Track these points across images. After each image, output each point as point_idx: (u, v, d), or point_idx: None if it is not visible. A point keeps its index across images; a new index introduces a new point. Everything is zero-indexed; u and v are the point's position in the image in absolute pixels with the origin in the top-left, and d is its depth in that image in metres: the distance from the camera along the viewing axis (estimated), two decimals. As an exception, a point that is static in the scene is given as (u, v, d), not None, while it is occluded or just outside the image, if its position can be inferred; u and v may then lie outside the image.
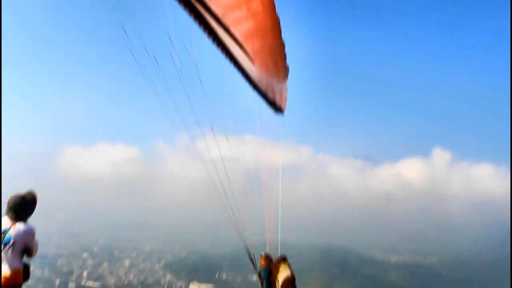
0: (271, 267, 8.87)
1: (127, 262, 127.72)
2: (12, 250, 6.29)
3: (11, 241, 6.30)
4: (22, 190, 6.70)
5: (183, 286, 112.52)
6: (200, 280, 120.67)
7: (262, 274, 9.21)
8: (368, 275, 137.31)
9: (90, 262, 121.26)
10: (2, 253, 6.21)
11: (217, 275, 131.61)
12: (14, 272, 6.29)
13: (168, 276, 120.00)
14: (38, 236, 6.74)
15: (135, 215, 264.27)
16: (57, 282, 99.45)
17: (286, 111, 8.91)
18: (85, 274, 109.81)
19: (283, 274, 8.26)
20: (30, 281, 6.60)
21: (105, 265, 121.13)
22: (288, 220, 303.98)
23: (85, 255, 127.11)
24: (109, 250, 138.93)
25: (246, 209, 8.81)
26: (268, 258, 9.13)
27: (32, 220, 6.70)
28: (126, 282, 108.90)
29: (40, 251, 6.77)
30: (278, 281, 8.27)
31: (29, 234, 6.55)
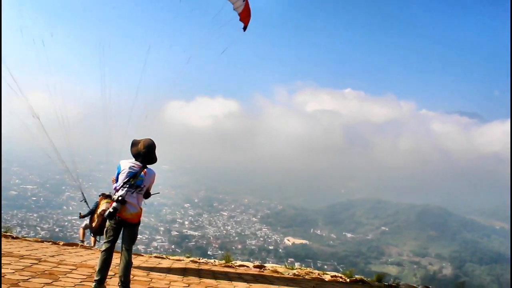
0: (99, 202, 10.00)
1: (225, 214, 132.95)
2: (140, 192, 7.03)
3: (142, 185, 7.02)
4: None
5: (278, 239, 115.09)
6: (295, 235, 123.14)
7: (93, 206, 10.81)
8: (468, 239, 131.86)
9: (191, 212, 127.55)
10: (134, 193, 6.90)
11: (311, 231, 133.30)
12: (141, 210, 7.09)
13: (264, 229, 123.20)
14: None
15: (234, 168, 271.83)
16: (162, 229, 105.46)
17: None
18: (186, 223, 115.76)
19: (101, 207, 9.42)
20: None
21: (205, 215, 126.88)
22: (387, 178, 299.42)
23: (186, 205, 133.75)
24: (209, 202, 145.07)
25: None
26: (104, 196, 9.99)
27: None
28: (224, 233, 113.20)
29: (147, 200, 7.46)
30: (97, 213, 9.50)
31: (153, 178, 7.23)
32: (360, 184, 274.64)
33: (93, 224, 9.78)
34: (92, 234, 11.37)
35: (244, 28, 9.02)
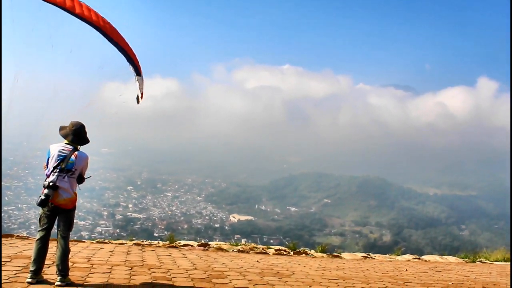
0: None
1: (169, 194, 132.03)
2: (72, 176, 6.68)
3: (74, 168, 6.68)
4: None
5: (224, 217, 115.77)
6: (240, 212, 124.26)
7: None
8: (405, 207, 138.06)
9: (134, 194, 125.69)
10: (65, 178, 6.58)
11: (256, 206, 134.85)
12: (75, 195, 6.74)
13: (209, 208, 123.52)
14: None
15: (176, 148, 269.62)
16: (105, 213, 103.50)
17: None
18: (130, 206, 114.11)
19: None
20: (80, 213, 7.08)
21: (149, 197, 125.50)
22: (328, 152, 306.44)
23: (129, 188, 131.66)
24: (152, 183, 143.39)
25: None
26: None
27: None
28: (169, 214, 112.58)
29: (87, 184, 7.15)
30: None
31: (86, 161, 6.92)
32: (301, 159, 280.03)
33: None
34: None
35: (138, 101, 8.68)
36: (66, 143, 6.85)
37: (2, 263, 7.61)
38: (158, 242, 13.37)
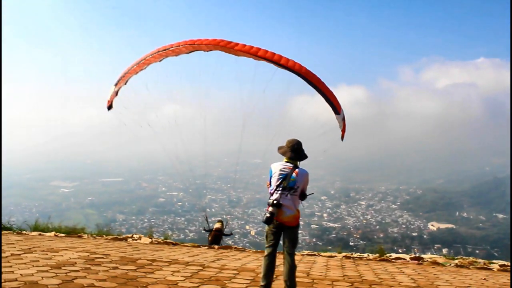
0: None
1: (363, 203, 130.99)
2: (295, 193, 6.99)
3: (295, 186, 7.00)
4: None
5: (422, 225, 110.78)
6: (439, 219, 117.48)
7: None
8: None
9: (328, 204, 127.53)
10: (288, 195, 6.90)
11: (457, 214, 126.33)
12: (298, 212, 7.07)
13: (405, 216, 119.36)
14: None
15: (367, 156, 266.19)
16: (302, 223, 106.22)
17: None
18: (325, 215, 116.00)
19: (216, 226, 9.89)
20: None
21: (343, 206, 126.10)
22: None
23: (323, 197, 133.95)
24: (345, 192, 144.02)
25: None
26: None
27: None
28: (364, 222, 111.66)
29: (304, 201, 7.35)
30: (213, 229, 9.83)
31: (307, 178, 7.18)
32: (507, 160, 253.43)
33: (209, 238, 10.13)
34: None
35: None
36: (286, 161, 7.18)
37: (232, 275, 8.57)
38: (368, 255, 13.49)
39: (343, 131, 8.95)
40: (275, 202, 6.87)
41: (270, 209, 6.87)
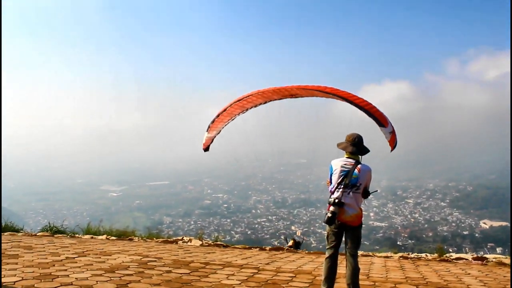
0: None
1: (411, 201, 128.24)
2: (357, 191, 6.60)
3: (358, 183, 6.60)
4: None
5: (473, 223, 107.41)
6: (492, 217, 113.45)
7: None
8: None
9: (375, 203, 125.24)
10: (350, 193, 6.51)
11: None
12: (361, 210, 6.67)
13: (456, 214, 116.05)
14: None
15: (413, 153, 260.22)
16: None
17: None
18: (372, 214, 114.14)
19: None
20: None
21: (390, 205, 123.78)
22: None
23: (370, 197, 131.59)
24: (392, 191, 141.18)
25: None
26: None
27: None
28: (412, 221, 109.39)
29: (367, 199, 7.01)
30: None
31: (370, 174, 6.84)
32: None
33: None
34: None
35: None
36: (347, 157, 6.79)
37: (289, 278, 8.27)
38: (426, 255, 12.95)
39: (392, 143, 8.46)
40: (336, 201, 6.47)
41: (332, 208, 6.48)
